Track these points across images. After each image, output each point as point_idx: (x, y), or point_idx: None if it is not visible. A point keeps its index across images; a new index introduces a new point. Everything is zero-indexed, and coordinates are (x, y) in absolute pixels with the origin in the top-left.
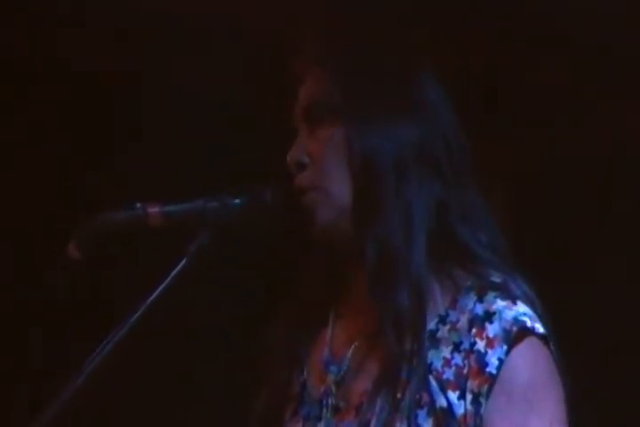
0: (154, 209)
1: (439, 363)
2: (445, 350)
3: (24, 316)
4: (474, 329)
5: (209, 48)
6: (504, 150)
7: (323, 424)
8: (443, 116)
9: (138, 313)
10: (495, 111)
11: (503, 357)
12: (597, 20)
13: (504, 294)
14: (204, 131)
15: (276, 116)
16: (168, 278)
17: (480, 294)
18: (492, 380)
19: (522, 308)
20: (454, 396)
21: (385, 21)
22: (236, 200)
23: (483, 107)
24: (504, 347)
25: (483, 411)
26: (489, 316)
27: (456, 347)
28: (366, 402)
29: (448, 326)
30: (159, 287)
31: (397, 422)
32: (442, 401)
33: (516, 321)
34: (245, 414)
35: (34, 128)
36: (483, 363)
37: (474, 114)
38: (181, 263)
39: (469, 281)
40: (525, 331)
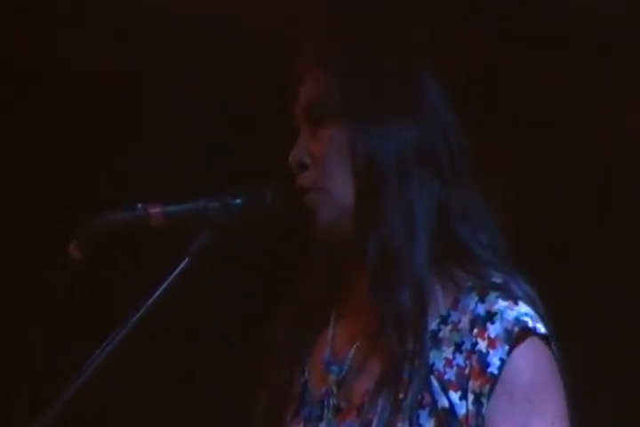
0: (155, 209)
1: (441, 363)
2: (447, 351)
3: (24, 316)
4: (475, 329)
5: (209, 48)
6: (504, 150)
7: (324, 425)
8: (443, 117)
9: (139, 313)
10: (495, 111)
11: (505, 357)
12: (597, 20)
13: (505, 295)
14: (203, 131)
15: (275, 116)
16: (169, 279)
17: (482, 294)
18: (493, 380)
19: (523, 308)
20: (456, 396)
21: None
22: (237, 200)
23: (483, 107)
24: (506, 347)
25: (484, 411)
26: (490, 316)
27: (458, 347)
28: (368, 402)
29: (450, 326)
30: (160, 288)
31: (399, 423)
32: (443, 401)
33: (517, 321)
34: (246, 415)
35: (34, 128)
36: (484, 363)
37: (474, 114)
38: (182, 264)
39: (470, 282)
40: (527, 331)
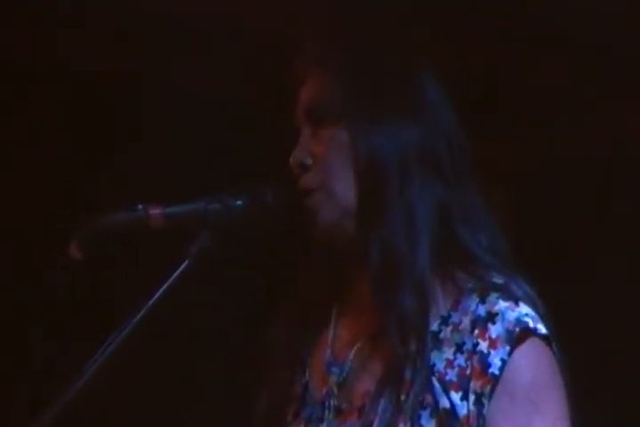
0: (155, 211)
1: (442, 364)
2: (448, 352)
3: (24, 316)
4: (476, 330)
5: (209, 48)
6: (504, 150)
7: (325, 426)
8: (443, 116)
9: (140, 314)
10: (495, 111)
11: (506, 357)
12: (597, 20)
13: (506, 295)
14: (203, 131)
15: (275, 116)
16: (170, 279)
17: (482, 295)
18: (494, 380)
19: (524, 309)
20: (457, 397)
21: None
22: (238, 201)
23: (483, 107)
24: (507, 348)
25: (485, 412)
26: (491, 317)
27: (459, 348)
28: (369, 403)
29: (450, 327)
30: (161, 288)
31: (400, 423)
32: (445, 402)
33: (518, 322)
34: (247, 415)
35: (34, 128)
36: (485, 364)
37: (474, 114)
38: (183, 265)
39: (471, 283)
40: (528, 332)
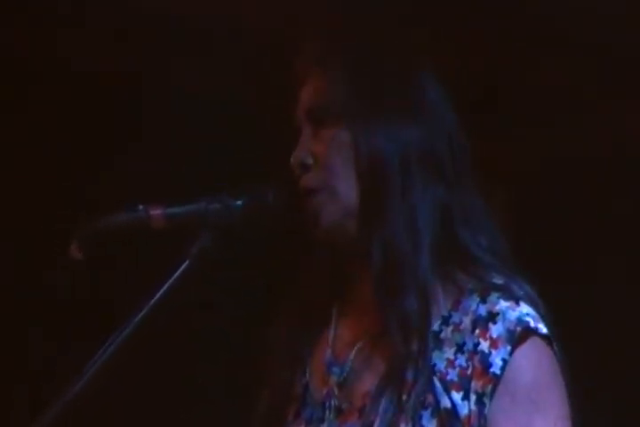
0: (156, 211)
1: (442, 364)
2: (449, 352)
3: (24, 316)
4: (477, 330)
5: (209, 48)
6: (504, 150)
7: (325, 426)
8: (444, 116)
9: (140, 314)
10: (495, 111)
11: (507, 357)
12: (597, 20)
13: (507, 295)
14: (203, 131)
15: (275, 116)
16: (170, 280)
17: (483, 295)
18: (495, 380)
19: (525, 308)
20: (458, 396)
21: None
22: (238, 201)
23: (483, 107)
24: (508, 347)
25: (487, 411)
26: (492, 316)
27: (459, 348)
28: (370, 403)
29: (451, 327)
30: (161, 289)
31: (402, 423)
32: (446, 402)
33: (519, 322)
34: (247, 415)
35: (34, 128)
36: (487, 363)
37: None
38: (183, 265)
39: (471, 284)
40: (529, 331)
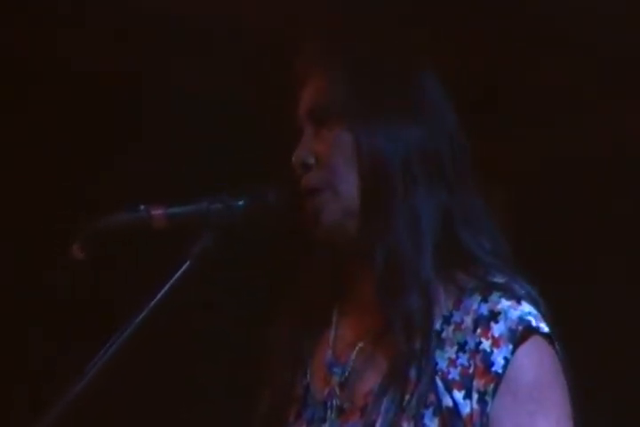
0: (158, 211)
1: (444, 363)
2: (450, 351)
3: (24, 316)
4: (479, 329)
5: (209, 48)
6: (504, 150)
7: (327, 426)
8: (444, 116)
9: (142, 315)
10: (495, 111)
11: (509, 356)
12: (597, 20)
13: (508, 294)
14: (203, 131)
15: (275, 116)
16: (172, 280)
17: (484, 294)
18: (497, 379)
19: (527, 307)
20: (460, 395)
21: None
22: (240, 201)
23: (483, 107)
24: (510, 346)
25: (489, 410)
26: (494, 315)
27: (461, 347)
28: (372, 402)
29: (452, 326)
30: (163, 289)
31: (403, 422)
32: (447, 401)
33: (521, 320)
34: (249, 415)
35: (34, 128)
36: (488, 362)
37: (474, 114)
38: (185, 265)
39: (472, 283)
40: (531, 330)
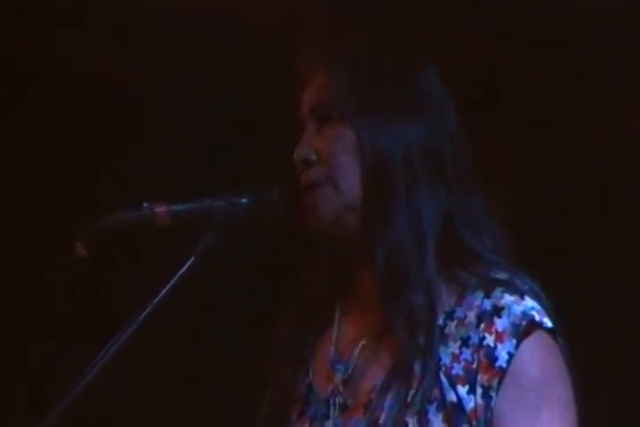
0: (161, 209)
1: (448, 359)
2: (453, 346)
3: (24, 316)
4: (482, 324)
5: (209, 48)
6: (504, 150)
7: (331, 423)
8: (445, 116)
9: (143, 314)
10: (495, 111)
11: (513, 351)
12: (597, 20)
13: (511, 290)
14: (203, 131)
15: (275, 116)
16: (173, 279)
17: (487, 290)
18: (502, 373)
19: (530, 302)
20: (464, 390)
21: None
22: (243, 200)
23: (483, 107)
24: (513, 341)
25: (493, 404)
26: (497, 311)
27: (464, 342)
28: (375, 398)
29: (455, 321)
30: (165, 288)
31: (407, 418)
32: (451, 396)
33: (524, 315)
34: (251, 415)
35: (34, 128)
36: (492, 357)
37: (474, 114)
38: (187, 264)
39: (474, 280)
40: (534, 325)
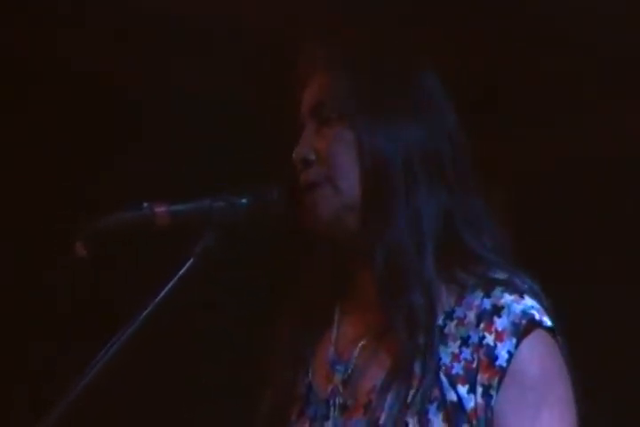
0: (161, 209)
1: (447, 358)
2: (453, 346)
3: (24, 316)
4: (482, 324)
5: (209, 48)
6: (504, 150)
7: (330, 423)
8: (445, 116)
9: (143, 314)
10: (495, 111)
11: (513, 350)
12: (597, 20)
13: (511, 289)
14: (203, 131)
15: (275, 116)
16: (173, 280)
17: (487, 289)
18: (502, 372)
19: (529, 301)
20: (464, 390)
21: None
22: (243, 200)
23: (483, 107)
24: (513, 340)
25: (493, 403)
26: (497, 310)
27: (464, 342)
28: (376, 398)
29: (455, 321)
30: (165, 288)
31: (408, 418)
32: (452, 396)
33: (524, 314)
34: (250, 415)
35: (34, 128)
36: (492, 356)
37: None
38: (187, 264)
39: (473, 280)
40: (534, 324)
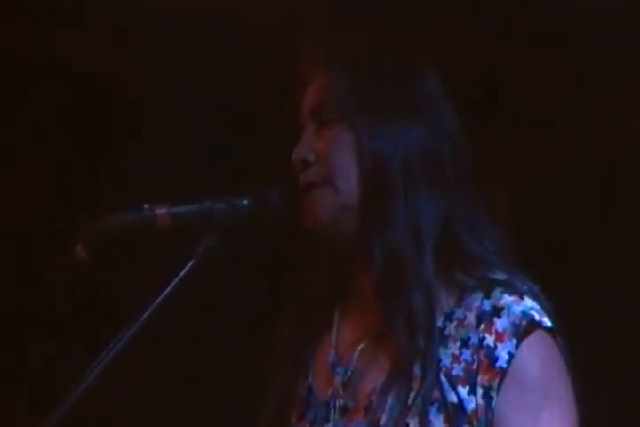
0: (162, 210)
1: (448, 360)
2: (453, 347)
3: (24, 316)
4: (482, 325)
5: (209, 48)
6: (504, 150)
7: (331, 426)
8: (445, 116)
9: (144, 315)
10: (495, 111)
11: (513, 351)
12: (597, 20)
13: (510, 290)
14: (203, 131)
15: (275, 116)
16: (175, 280)
17: (486, 290)
18: (502, 374)
19: (529, 302)
20: (464, 391)
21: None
22: (244, 201)
23: (483, 107)
24: (513, 341)
25: (494, 405)
26: (497, 311)
27: (464, 343)
28: (376, 400)
29: (455, 322)
30: (166, 290)
31: (409, 419)
32: (452, 397)
33: (524, 315)
34: (251, 416)
35: (34, 128)
36: (493, 357)
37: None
38: (188, 265)
39: (472, 282)
40: (534, 325)
